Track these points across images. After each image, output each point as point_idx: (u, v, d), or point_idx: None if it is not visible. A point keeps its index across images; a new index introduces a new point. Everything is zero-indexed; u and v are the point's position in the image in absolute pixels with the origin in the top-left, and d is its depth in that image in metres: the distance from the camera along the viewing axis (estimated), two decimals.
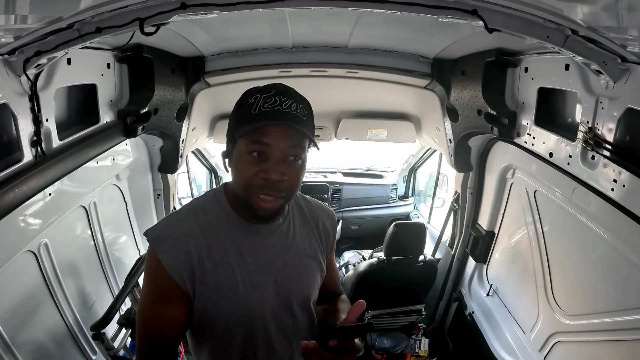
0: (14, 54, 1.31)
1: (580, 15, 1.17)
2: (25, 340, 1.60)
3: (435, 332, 3.13)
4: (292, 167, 0.93)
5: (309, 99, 0.97)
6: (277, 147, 0.90)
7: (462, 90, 2.30)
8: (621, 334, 1.53)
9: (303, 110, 0.92)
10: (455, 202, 2.84)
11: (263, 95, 0.91)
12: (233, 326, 1.00)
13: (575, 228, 1.76)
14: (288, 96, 0.91)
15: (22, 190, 1.42)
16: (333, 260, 1.24)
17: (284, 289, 1.03)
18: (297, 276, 1.05)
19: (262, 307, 1.01)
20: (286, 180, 0.93)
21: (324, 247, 1.13)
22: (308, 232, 1.10)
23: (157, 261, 0.94)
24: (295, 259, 1.05)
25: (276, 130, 0.90)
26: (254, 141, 0.90)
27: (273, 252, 1.03)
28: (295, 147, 0.92)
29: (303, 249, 1.07)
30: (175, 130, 2.41)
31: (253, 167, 0.91)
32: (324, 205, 1.20)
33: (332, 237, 1.16)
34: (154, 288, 0.97)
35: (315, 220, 1.12)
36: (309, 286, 1.08)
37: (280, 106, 0.89)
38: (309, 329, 1.10)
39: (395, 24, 1.84)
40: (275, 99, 0.90)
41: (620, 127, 1.42)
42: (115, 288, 2.31)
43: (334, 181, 4.41)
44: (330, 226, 1.15)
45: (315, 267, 1.10)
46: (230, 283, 0.98)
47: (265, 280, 1.01)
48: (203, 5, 1.21)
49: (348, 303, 1.21)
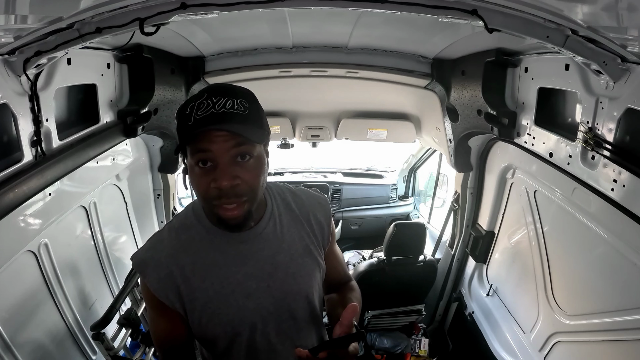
0: (14, 54, 1.31)
1: (580, 15, 1.17)
2: (25, 340, 1.60)
3: (435, 332, 3.13)
4: (244, 167, 0.88)
5: (308, 99, 0.96)
6: (219, 150, 0.85)
7: (462, 90, 2.30)
8: (621, 334, 1.53)
9: (242, 104, 0.87)
10: (455, 202, 2.84)
11: (197, 102, 0.86)
12: (231, 336, 1.01)
13: (575, 228, 1.76)
14: (221, 94, 0.86)
15: (22, 190, 1.42)
16: (335, 249, 1.20)
17: (279, 292, 1.01)
18: (290, 277, 1.02)
19: (259, 313, 1.00)
20: (241, 183, 0.88)
21: (318, 242, 1.09)
22: (299, 229, 1.06)
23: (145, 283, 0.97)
24: (287, 260, 1.03)
25: (215, 134, 0.85)
26: (197, 150, 0.86)
27: (262, 257, 1.00)
28: (240, 146, 0.86)
29: (294, 248, 1.04)
30: (175, 130, 2.40)
31: (205, 179, 0.87)
32: (315, 194, 1.14)
33: (327, 228, 1.11)
34: (152, 306, 1.01)
35: (306, 216, 1.08)
36: (306, 285, 1.05)
37: (213, 108, 0.84)
38: (312, 327, 1.10)
39: (395, 24, 1.84)
40: (207, 102, 0.85)
41: (620, 127, 1.42)
42: (115, 288, 2.31)
43: (334, 181, 4.41)
44: (323, 217, 1.10)
45: (310, 264, 1.06)
46: (220, 296, 0.98)
47: (257, 286, 1.00)
48: (203, 5, 1.21)
49: (358, 291, 1.21)
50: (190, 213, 1.03)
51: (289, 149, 3.37)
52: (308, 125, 3.14)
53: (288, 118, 3.06)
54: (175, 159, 2.58)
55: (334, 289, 1.21)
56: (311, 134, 3.18)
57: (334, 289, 1.21)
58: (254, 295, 1.00)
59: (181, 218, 1.04)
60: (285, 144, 3.30)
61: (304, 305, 1.06)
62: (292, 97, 2.79)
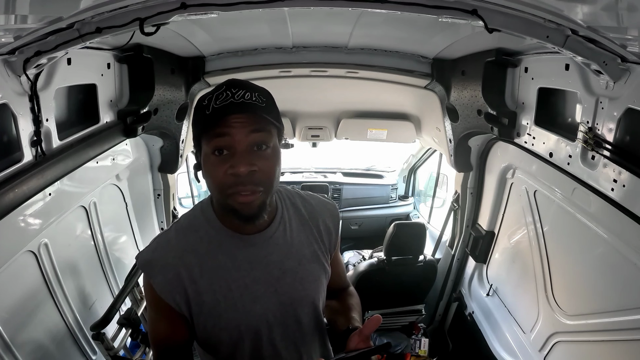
0: (14, 54, 1.31)
1: (580, 15, 1.17)
2: (25, 340, 1.60)
3: (435, 332, 3.13)
4: (262, 156, 0.87)
5: (309, 99, 0.96)
6: (238, 135, 0.85)
7: (462, 90, 2.30)
8: (621, 334, 1.53)
9: (260, 97, 0.88)
10: (455, 202, 2.84)
11: (215, 93, 0.87)
12: (237, 340, 0.99)
13: (575, 228, 1.76)
14: (240, 87, 0.87)
15: (22, 190, 1.41)
16: (338, 255, 1.20)
17: (286, 298, 1.00)
18: (298, 283, 1.01)
19: (265, 318, 0.99)
20: (258, 172, 0.87)
21: (326, 248, 1.08)
22: (307, 235, 1.05)
23: (151, 284, 0.95)
24: (295, 266, 1.02)
25: (234, 119, 0.85)
26: (214, 135, 0.86)
27: (271, 262, 0.99)
28: (258, 132, 0.86)
29: (302, 253, 1.03)
30: (175, 130, 2.41)
31: (221, 167, 0.86)
32: (325, 200, 1.14)
33: (334, 235, 1.10)
34: (155, 307, 0.99)
35: (315, 221, 1.07)
36: (313, 291, 1.04)
37: (232, 98, 0.85)
38: (316, 333, 1.09)
39: (395, 24, 1.84)
40: (226, 93, 0.86)
41: (620, 127, 1.42)
42: (115, 288, 2.31)
43: (334, 181, 4.41)
44: (332, 224, 1.10)
45: (317, 270, 1.06)
46: (227, 299, 0.96)
47: (265, 291, 0.99)
48: (203, 5, 1.21)
49: (357, 297, 1.20)
50: (198, 213, 1.01)
51: (288, 149, 3.37)
52: (308, 125, 3.15)
53: (288, 118, 3.07)
54: (175, 159, 2.58)
55: (333, 295, 1.20)
56: (311, 134, 3.18)
57: (333, 294, 1.21)
58: (261, 300, 0.98)
59: (189, 218, 1.02)
60: (285, 144, 3.30)
61: (310, 311, 1.05)
62: (292, 97, 2.79)
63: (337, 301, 1.18)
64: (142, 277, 1.00)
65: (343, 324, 1.06)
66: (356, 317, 1.10)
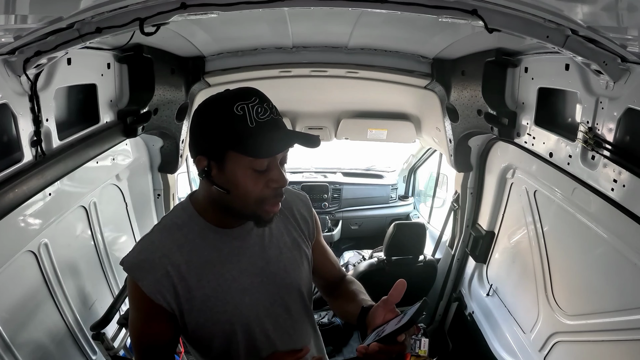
0: (14, 54, 1.31)
1: (580, 15, 1.17)
2: (25, 340, 1.60)
3: (435, 332, 3.13)
4: (284, 169, 0.97)
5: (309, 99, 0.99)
6: (281, 157, 0.94)
7: (462, 90, 2.30)
8: (621, 334, 1.53)
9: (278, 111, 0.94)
10: (455, 202, 2.84)
11: (248, 104, 0.88)
12: (230, 334, 1.01)
13: (575, 228, 1.76)
14: (267, 101, 0.91)
15: (22, 190, 1.41)
16: (322, 244, 1.23)
17: (273, 287, 1.04)
18: (282, 271, 1.05)
19: (255, 309, 1.01)
20: None
21: (305, 235, 1.13)
22: (286, 223, 1.10)
23: (138, 287, 0.94)
24: (277, 254, 1.06)
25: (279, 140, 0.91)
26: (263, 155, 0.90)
27: (254, 253, 1.03)
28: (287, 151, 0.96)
29: (283, 242, 1.08)
30: (175, 130, 2.41)
31: (260, 180, 0.91)
32: (295, 191, 1.19)
33: (311, 222, 1.16)
34: (140, 309, 0.98)
35: (290, 210, 1.12)
36: (297, 277, 1.09)
37: (272, 114, 0.90)
38: (306, 319, 1.12)
39: (395, 24, 1.84)
40: (264, 108, 0.89)
41: (620, 127, 1.42)
42: (115, 288, 2.31)
43: (334, 181, 4.41)
44: (306, 211, 1.15)
45: (299, 256, 1.10)
46: (217, 293, 0.98)
47: (251, 282, 1.01)
48: (203, 5, 1.21)
49: (357, 283, 1.22)
50: (180, 212, 1.03)
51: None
52: (308, 125, 3.15)
53: (288, 118, 3.06)
54: (175, 159, 2.57)
55: (332, 287, 1.22)
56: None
57: (332, 287, 1.22)
58: (249, 291, 1.01)
59: (171, 218, 1.03)
60: None
61: (297, 297, 1.09)
62: (292, 97, 2.79)
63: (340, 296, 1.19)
64: (128, 281, 0.98)
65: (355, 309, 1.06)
66: (365, 298, 1.11)
